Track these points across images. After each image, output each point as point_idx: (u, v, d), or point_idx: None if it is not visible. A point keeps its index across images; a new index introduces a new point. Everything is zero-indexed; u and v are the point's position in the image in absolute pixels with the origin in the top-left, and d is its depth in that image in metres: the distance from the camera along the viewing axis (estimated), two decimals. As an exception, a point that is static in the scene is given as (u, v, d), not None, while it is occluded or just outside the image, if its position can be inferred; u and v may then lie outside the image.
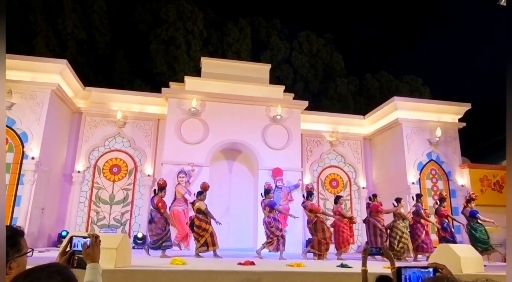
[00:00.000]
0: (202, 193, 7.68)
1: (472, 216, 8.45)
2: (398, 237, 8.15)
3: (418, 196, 8.84)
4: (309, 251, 7.87)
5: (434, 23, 25.56)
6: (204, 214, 7.44)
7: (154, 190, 7.86)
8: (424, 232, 8.40)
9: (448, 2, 24.23)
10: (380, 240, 8.11)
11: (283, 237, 7.59)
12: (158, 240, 7.28)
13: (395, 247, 8.06)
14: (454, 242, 8.13)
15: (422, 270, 1.43)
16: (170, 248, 7.51)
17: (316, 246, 7.76)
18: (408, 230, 8.33)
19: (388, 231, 8.39)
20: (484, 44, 23.70)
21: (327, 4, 24.81)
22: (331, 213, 8.69)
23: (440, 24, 25.81)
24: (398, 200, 8.55)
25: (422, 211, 8.50)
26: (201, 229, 7.34)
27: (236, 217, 10.59)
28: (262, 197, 7.99)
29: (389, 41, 24.42)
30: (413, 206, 8.72)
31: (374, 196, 8.81)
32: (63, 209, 9.99)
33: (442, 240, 8.32)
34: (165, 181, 8.07)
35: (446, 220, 8.66)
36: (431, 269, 1.42)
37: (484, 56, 23.22)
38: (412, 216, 8.58)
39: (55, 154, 9.74)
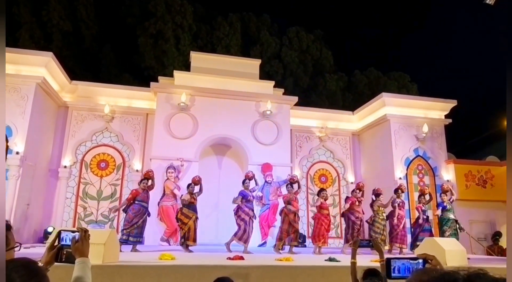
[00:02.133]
0: (190, 185, 7.68)
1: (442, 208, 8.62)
2: (378, 231, 8.34)
3: (396, 191, 8.96)
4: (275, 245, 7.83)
5: (422, 21, 25.85)
6: (188, 207, 7.42)
7: (139, 182, 7.74)
8: (401, 224, 8.57)
9: (436, 1, 24.53)
10: (351, 231, 8.24)
11: (246, 229, 7.50)
12: (122, 229, 7.12)
13: (378, 239, 8.24)
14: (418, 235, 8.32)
15: (411, 261, 1.44)
16: (137, 244, 7.07)
17: (278, 235, 7.79)
18: (385, 223, 8.53)
19: (369, 224, 8.59)
20: (470, 42, 24.10)
21: (317, 0, 24.84)
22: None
23: (428, 22, 26.14)
24: (377, 195, 8.73)
25: (396, 203, 8.65)
26: (181, 222, 7.33)
27: (225, 212, 10.55)
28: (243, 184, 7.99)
29: (378, 38, 24.62)
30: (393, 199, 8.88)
31: (353, 190, 8.94)
32: (49, 205, 9.82)
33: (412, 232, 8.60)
34: (147, 172, 7.98)
35: (420, 214, 8.70)
36: (420, 260, 1.43)
37: (470, 54, 23.63)
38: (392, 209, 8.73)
39: (41, 149, 9.55)
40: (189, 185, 7.70)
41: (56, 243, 1.70)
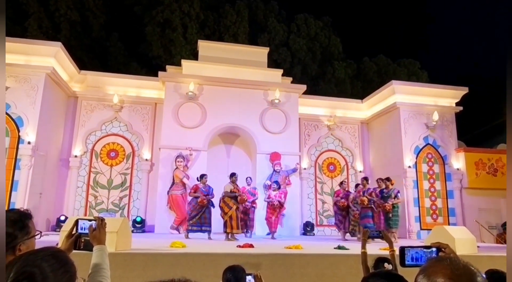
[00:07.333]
0: (233, 175, 8.06)
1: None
2: (355, 219, 8.54)
3: (365, 179, 8.85)
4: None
5: (432, 8, 25.28)
6: (229, 196, 7.76)
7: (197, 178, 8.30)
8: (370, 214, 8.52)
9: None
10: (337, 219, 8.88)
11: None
12: (187, 220, 7.88)
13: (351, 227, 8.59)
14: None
15: (425, 250, 1.45)
16: (205, 233, 7.71)
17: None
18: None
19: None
20: (481, 29, 23.54)
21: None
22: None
23: (438, 8, 25.55)
24: (356, 186, 8.85)
25: (351, 195, 8.70)
26: (222, 211, 7.81)
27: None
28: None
29: (387, 24, 24.16)
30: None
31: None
32: (60, 194, 10.00)
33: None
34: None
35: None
36: (434, 249, 1.44)
37: (481, 42, 23.12)
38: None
39: (52, 139, 9.68)
40: (232, 175, 8.03)
41: (74, 231, 1.74)
